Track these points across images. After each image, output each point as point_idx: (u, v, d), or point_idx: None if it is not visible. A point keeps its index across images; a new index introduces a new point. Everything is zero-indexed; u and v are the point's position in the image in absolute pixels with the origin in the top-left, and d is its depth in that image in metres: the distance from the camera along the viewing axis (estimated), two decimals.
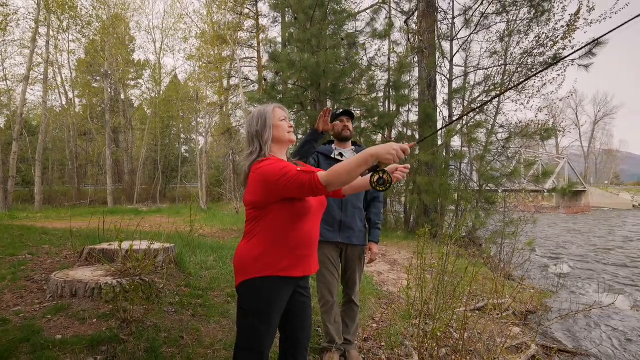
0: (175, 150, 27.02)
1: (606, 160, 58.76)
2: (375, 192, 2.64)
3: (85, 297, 2.66)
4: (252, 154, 1.53)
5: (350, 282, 2.55)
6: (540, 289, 5.73)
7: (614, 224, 19.13)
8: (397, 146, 1.29)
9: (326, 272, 2.47)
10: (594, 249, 10.48)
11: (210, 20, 17.09)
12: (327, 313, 2.49)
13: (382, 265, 6.10)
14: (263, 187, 1.42)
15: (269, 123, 1.55)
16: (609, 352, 3.62)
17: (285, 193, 1.40)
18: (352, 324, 2.60)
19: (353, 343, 2.62)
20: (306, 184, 1.34)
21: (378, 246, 2.62)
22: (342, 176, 1.31)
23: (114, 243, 3.84)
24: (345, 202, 2.47)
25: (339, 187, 1.35)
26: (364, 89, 9.87)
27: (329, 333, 2.51)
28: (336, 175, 1.32)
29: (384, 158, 1.29)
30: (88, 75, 24.52)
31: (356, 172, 1.31)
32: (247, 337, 1.47)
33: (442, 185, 7.75)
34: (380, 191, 1.38)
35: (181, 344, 2.37)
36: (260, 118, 1.56)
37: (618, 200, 35.03)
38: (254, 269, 1.46)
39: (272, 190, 1.41)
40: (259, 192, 1.44)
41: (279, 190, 1.39)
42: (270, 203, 1.45)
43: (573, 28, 7.94)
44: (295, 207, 1.45)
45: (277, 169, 1.40)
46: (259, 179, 1.43)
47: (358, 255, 2.53)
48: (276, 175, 1.39)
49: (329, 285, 2.46)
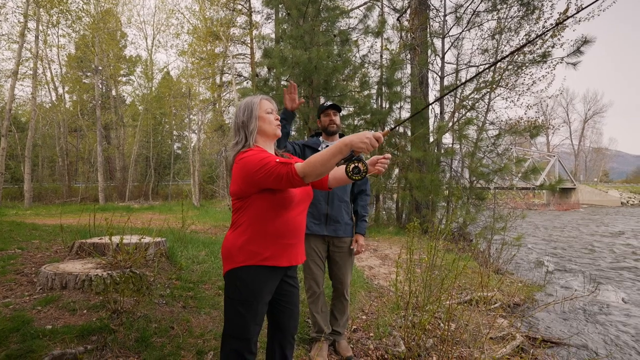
0: (167, 147, 26.81)
1: (596, 158, 59.65)
2: (362, 184, 2.69)
3: (75, 289, 2.67)
4: (238, 144, 1.54)
5: (339, 275, 2.55)
6: (528, 282, 5.85)
7: (601, 220, 19.47)
8: (370, 134, 1.29)
9: (312, 264, 2.50)
10: (581, 244, 10.68)
11: (203, 16, 16.98)
12: (314, 303, 2.54)
13: (374, 260, 6.16)
14: (244, 177, 1.45)
15: (255, 114, 1.57)
16: (591, 342, 3.72)
17: (264, 184, 1.42)
18: (341, 317, 2.64)
19: (342, 334, 2.67)
20: (284, 175, 1.35)
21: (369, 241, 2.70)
22: (317, 167, 1.32)
23: (104, 237, 3.85)
24: (331, 195, 2.49)
25: (316, 178, 1.35)
26: (357, 86, 9.92)
27: (317, 323, 2.56)
28: (312, 166, 1.32)
29: (357, 146, 1.29)
30: (78, 70, 24.20)
31: (331, 162, 1.31)
32: (234, 324, 1.50)
33: (432, 182, 7.84)
34: (355, 180, 1.37)
35: (171, 334, 2.40)
36: (246, 109, 1.58)
37: (607, 198, 35.62)
38: (238, 258, 1.49)
39: (252, 181, 1.43)
40: (240, 182, 1.47)
41: (258, 181, 1.42)
42: (252, 193, 1.47)
43: (562, 26, 8.07)
44: (277, 197, 1.47)
45: (256, 160, 1.41)
46: (240, 169, 1.45)
47: (346, 248, 2.54)
48: (255, 166, 1.40)
49: (315, 277, 2.50)
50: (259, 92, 9.16)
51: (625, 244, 10.73)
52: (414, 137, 9.16)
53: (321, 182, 1.70)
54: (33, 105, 15.25)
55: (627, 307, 4.90)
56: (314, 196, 2.46)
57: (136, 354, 2.12)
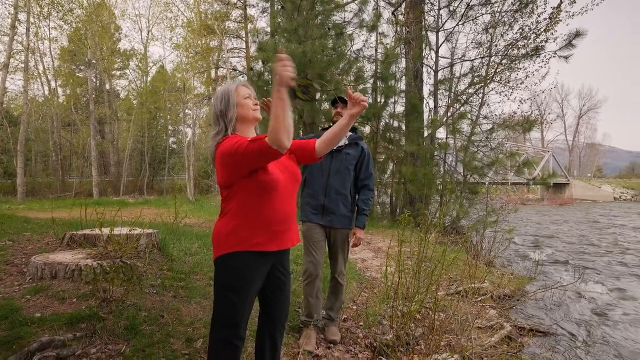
0: (162, 142, 26.66)
1: (590, 153, 60.05)
2: (365, 179, 2.68)
3: (65, 279, 2.68)
4: (218, 134, 1.54)
5: (334, 261, 2.68)
6: (519, 275, 5.92)
7: (594, 215, 19.67)
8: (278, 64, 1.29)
9: (312, 248, 2.56)
10: (573, 238, 10.80)
11: (198, 9, 16.84)
12: (309, 286, 2.57)
13: (367, 253, 6.20)
14: (224, 166, 1.46)
15: (232, 102, 1.56)
16: (577, 331, 3.79)
17: (243, 165, 1.43)
18: (336, 301, 2.71)
19: (335, 320, 2.73)
20: (257, 150, 1.36)
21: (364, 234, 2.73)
22: (274, 125, 1.28)
23: (96, 229, 3.84)
24: (329, 188, 2.56)
25: (281, 134, 1.29)
26: (352, 80, 9.91)
27: (309, 307, 2.60)
28: (272, 129, 1.29)
29: (282, 76, 1.28)
30: (72, 64, 23.95)
31: (280, 110, 1.28)
32: (223, 310, 1.51)
33: (426, 176, 7.88)
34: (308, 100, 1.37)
35: (161, 322, 2.42)
36: (224, 97, 1.57)
37: (600, 193, 35.96)
38: (227, 244, 1.50)
39: (231, 166, 1.44)
40: (223, 171, 1.48)
41: (236, 164, 1.43)
42: (235, 181, 1.48)
43: (556, 20, 8.09)
44: (260, 182, 1.48)
45: (230, 146, 1.42)
46: (220, 158, 1.46)
47: (342, 238, 2.62)
48: (230, 151, 1.41)
49: (313, 260, 2.55)
50: (254, 86, 9.13)
51: (615, 237, 10.86)
52: (408, 132, 9.20)
53: (309, 155, 1.68)
54: (25, 99, 15.11)
55: (613, 299, 4.98)
56: (313, 189, 2.58)
57: (125, 341, 2.13)
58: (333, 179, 2.57)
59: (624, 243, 9.78)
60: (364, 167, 2.64)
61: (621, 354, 3.30)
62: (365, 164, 2.64)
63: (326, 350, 2.57)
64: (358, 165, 2.63)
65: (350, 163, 2.59)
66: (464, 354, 2.66)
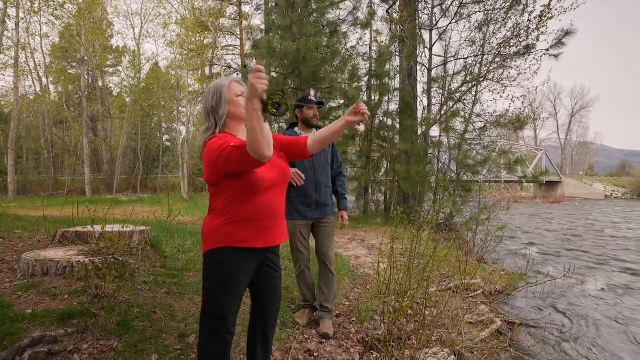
0: (156, 140, 26.47)
1: (582, 152, 60.71)
2: (338, 168, 2.91)
3: (57, 275, 2.67)
4: (208, 130, 1.54)
5: (324, 249, 2.82)
6: (510, 271, 5.99)
7: (585, 212, 19.92)
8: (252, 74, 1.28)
9: (299, 244, 2.76)
10: (564, 235, 10.94)
11: (192, 6, 16.70)
12: (301, 275, 2.85)
13: (361, 250, 6.24)
14: (209, 165, 1.47)
15: (224, 98, 1.54)
16: (567, 325, 3.86)
17: (227, 170, 1.44)
18: (329, 291, 2.81)
19: (330, 312, 2.83)
20: (239, 159, 1.36)
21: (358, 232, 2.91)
22: (251, 136, 1.29)
23: (88, 226, 3.83)
24: (318, 184, 2.74)
25: (260, 146, 1.29)
26: (346, 78, 9.92)
27: (304, 294, 2.87)
28: (249, 140, 1.30)
29: (255, 87, 1.26)
30: (63, 61, 23.66)
31: (254, 123, 1.27)
32: (211, 304, 1.53)
33: (419, 173, 7.93)
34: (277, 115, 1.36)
35: (154, 318, 2.42)
36: (215, 93, 1.55)
37: (591, 191, 36.41)
38: (214, 240, 1.52)
39: (215, 168, 1.45)
40: (208, 170, 1.49)
41: (220, 167, 1.43)
42: (220, 180, 1.49)
43: (548, 17, 8.14)
44: (245, 181, 1.48)
45: (216, 147, 1.42)
46: (206, 157, 1.47)
47: (330, 225, 2.84)
48: (215, 153, 1.41)
49: (301, 255, 2.79)
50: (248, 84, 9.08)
51: (605, 234, 11.03)
52: (402, 129, 9.23)
53: (301, 152, 1.67)
54: (16, 96, 14.90)
55: (602, 294, 5.07)
56: (304, 187, 2.68)
57: (117, 337, 2.14)
58: (319, 174, 2.76)
59: (614, 239, 9.93)
60: (335, 158, 2.91)
61: (608, 347, 3.37)
62: (336, 155, 2.91)
63: (318, 345, 2.59)
64: (331, 157, 2.88)
65: (327, 157, 2.82)
66: (454, 348, 2.71)
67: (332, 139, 1.62)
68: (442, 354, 2.58)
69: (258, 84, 1.26)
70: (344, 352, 2.56)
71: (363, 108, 1.53)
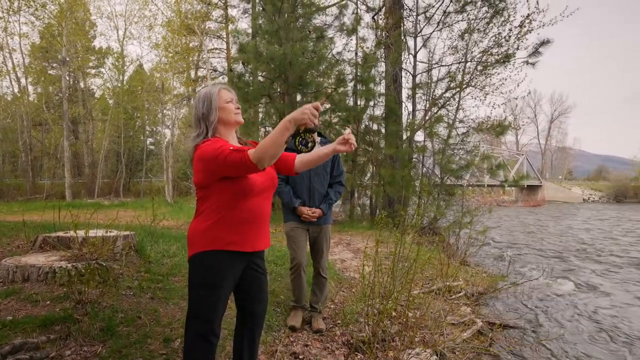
0: (140, 143, 26.01)
1: (561, 156, 62.48)
2: (338, 176, 2.95)
3: (38, 281, 2.62)
4: (199, 136, 1.57)
5: (317, 256, 2.92)
6: (492, 273, 6.14)
7: (563, 215, 20.53)
8: (309, 105, 1.36)
9: (296, 246, 2.82)
10: (544, 237, 11.26)
11: (178, 8, 16.58)
12: (296, 278, 2.90)
13: (346, 254, 6.29)
14: (202, 167, 1.49)
15: (214, 105, 1.58)
16: (545, 325, 3.99)
17: (221, 172, 1.47)
18: (320, 294, 2.94)
19: (320, 311, 2.96)
20: (238, 162, 1.39)
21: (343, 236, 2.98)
22: (268, 148, 1.35)
23: (70, 231, 3.76)
24: (312, 190, 2.80)
25: (270, 161, 1.38)
26: (332, 82, 10.02)
27: (295, 294, 2.91)
28: (264, 150, 1.36)
29: (299, 119, 1.34)
30: (44, 61, 23.06)
31: (280, 140, 1.34)
32: (197, 307, 1.55)
33: (404, 177, 8.06)
34: (304, 152, 1.43)
35: (138, 323, 2.41)
36: (206, 100, 1.59)
37: (570, 195, 37.56)
38: (201, 243, 1.54)
39: (210, 170, 1.48)
40: (200, 173, 1.52)
41: (215, 170, 1.46)
42: (212, 183, 1.51)
43: (527, 30, 8.45)
44: (237, 185, 1.52)
45: (212, 150, 1.45)
46: (199, 160, 1.49)
47: (324, 233, 2.88)
48: (211, 155, 1.45)
49: (298, 257, 2.83)
50: (234, 88, 9.08)
51: (583, 237, 11.40)
52: (387, 134, 9.37)
53: (288, 168, 1.72)
54: None
55: (579, 294, 5.26)
56: (297, 193, 2.78)
57: (101, 343, 2.12)
58: (314, 182, 2.81)
59: (591, 242, 10.28)
60: (335, 167, 2.93)
61: (584, 346, 3.50)
62: (337, 164, 2.93)
63: (303, 347, 2.62)
64: (330, 165, 2.90)
65: (326, 165, 2.85)
66: (436, 348, 2.78)
67: (319, 162, 1.71)
68: (425, 355, 2.65)
69: (307, 116, 1.34)
70: (329, 354, 2.59)
71: (352, 139, 1.60)
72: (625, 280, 6.04)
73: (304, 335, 2.77)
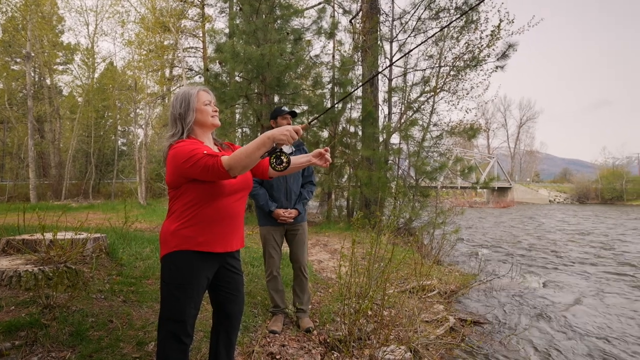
0: (111, 143, 25.10)
1: (529, 160, 65.29)
2: (309, 176, 2.98)
3: (1, 286, 2.50)
4: (174, 136, 1.56)
5: (297, 255, 2.93)
6: (464, 271, 6.34)
7: (530, 216, 21.44)
8: (291, 127, 1.40)
9: (271, 250, 2.84)
10: (514, 236, 11.73)
11: (152, 5, 16.17)
12: (272, 281, 2.91)
13: (323, 255, 6.33)
14: (174, 168, 1.49)
15: (192, 106, 1.57)
16: (513, 321, 4.17)
17: (192, 175, 1.46)
18: (303, 295, 2.96)
19: (306, 312, 2.98)
20: (209, 167, 1.40)
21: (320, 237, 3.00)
22: (242, 160, 1.37)
23: (36, 234, 3.60)
24: (289, 192, 2.84)
25: (242, 170, 1.40)
26: (310, 85, 10.06)
27: (274, 299, 2.91)
28: (237, 160, 1.37)
29: (279, 139, 1.37)
30: (6, 56, 21.89)
31: (256, 154, 1.37)
32: (170, 307, 1.53)
33: (380, 179, 8.19)
34: (278, 171, 1.44)
35: (110, 327, 2.35)
36: (184, 100, 1.58)
37: (537, 196, 39.32)
38: (172, 243, 1.52)
39: (181, 172, 1.47)
40: (172, 172, 1.51)
41: (186, 172, 1.46)
42: (183, 183, 1.51)
43: (496, 37, 8.83)
44: (209, 186, 1.51)
45: (185, 151, 1.45)
46: (172, 160, 1.49)
47: (301, 232, 2.92)
48: (184, 157, 1.44)
49: (273, 261, 2.86)
50: (210, 87, 8.96)
51: (548, 236, 11.96)
52: (364, 137, 9.51)
53: (262, 172, 1.75)
54: None
55: (546, 290, 5.52)
56: (274, 196, 2.80)
57: (70, 348, 2.05)
58: (291, 183, 2.86)
59: (556, 240, 10.79)
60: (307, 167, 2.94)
61: (550, 340, 3.68)
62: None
63: (280, 347, 2.63)
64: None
65: None
66: (410, 345, 2.85)
67: (292, 171, 1.76)
68: (399, 352, 2.71)
69: (287, 137, 1.38)
70: (306, 354, 2.61)
71: (327, 156, 1.65)
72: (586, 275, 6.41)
73: (280, 336, 2.78)
